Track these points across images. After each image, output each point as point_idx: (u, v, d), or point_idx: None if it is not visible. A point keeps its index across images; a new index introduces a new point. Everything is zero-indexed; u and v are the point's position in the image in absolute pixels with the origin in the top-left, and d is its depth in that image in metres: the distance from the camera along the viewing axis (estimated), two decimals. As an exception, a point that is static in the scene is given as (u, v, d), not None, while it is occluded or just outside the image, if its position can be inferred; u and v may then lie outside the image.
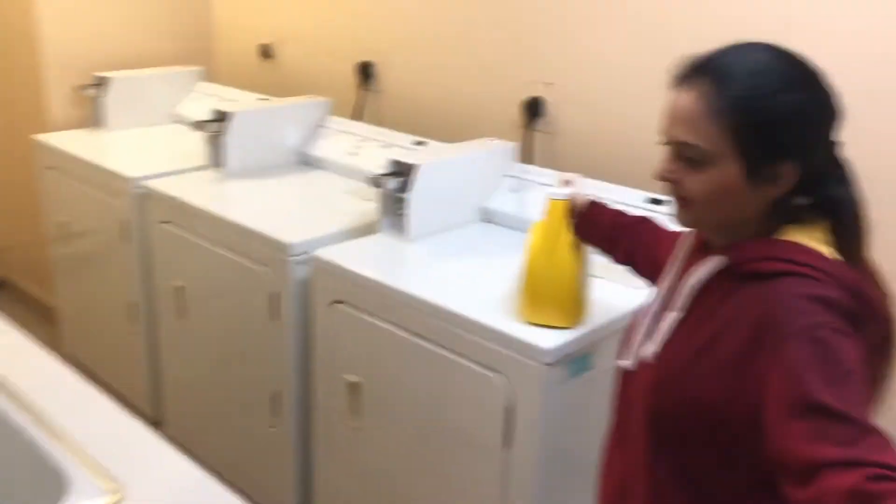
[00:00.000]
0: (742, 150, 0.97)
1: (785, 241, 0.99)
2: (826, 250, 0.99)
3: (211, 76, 3.26)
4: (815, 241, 0.99)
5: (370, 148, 2.45)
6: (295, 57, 3.03)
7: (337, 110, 2.68)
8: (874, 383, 1.02)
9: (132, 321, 2.60)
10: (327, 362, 1.95)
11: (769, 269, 0.96)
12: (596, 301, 1.65)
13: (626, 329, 1.19)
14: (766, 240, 1.00)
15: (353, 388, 1.87)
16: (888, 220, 1.69)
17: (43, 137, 2.83)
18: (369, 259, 1.91)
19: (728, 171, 0.98)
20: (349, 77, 2.75)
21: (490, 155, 2.16)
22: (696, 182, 1.00)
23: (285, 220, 2.13)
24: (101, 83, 2.93)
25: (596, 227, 1.46)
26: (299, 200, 2.34)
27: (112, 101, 2.92)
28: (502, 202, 2.12)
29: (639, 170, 2.09)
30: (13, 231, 3.51)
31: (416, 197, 1.97)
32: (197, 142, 2.57)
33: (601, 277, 1.71)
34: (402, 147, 2.36)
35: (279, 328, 2.05)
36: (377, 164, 2.25)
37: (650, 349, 1.08)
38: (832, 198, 1.01)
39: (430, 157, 2.06)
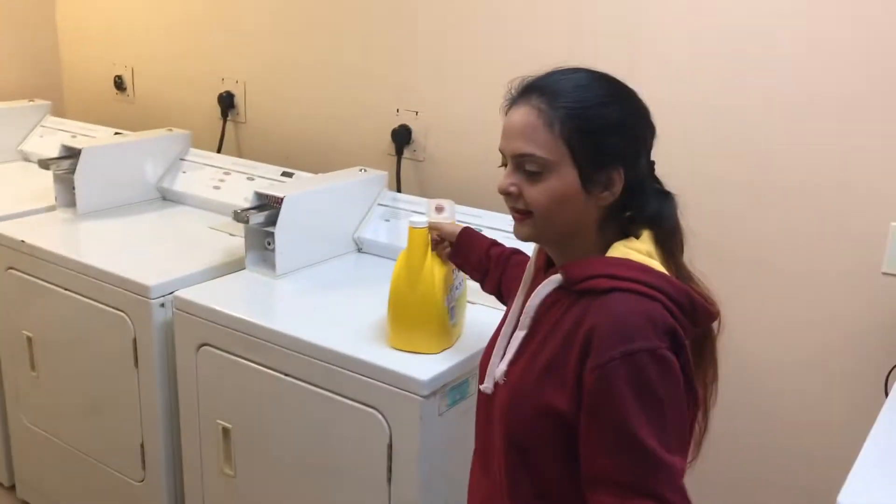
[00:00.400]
0: (576, 156, 1.03)
1: (613, 258, 1.05)
2: (652, 262, 1.05)
3: (60, 111, 3.08)
4: (641, 254, 1.05)
5: (235, 181, 2.37)
6: (152, 89, 2.90)
7: (199, 143, 2.57)
8: (702, 386, 1.10)
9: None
10: (196, 409, 1.84)
11: (599, 287, 1.01)
12: (471, 325, 1.65)
13: (483, 354, 1.21)
14: (597, 258, 1.06)
15: (225, 433, 1.78)
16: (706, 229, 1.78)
17: None
18: (235, 298, 1.83)
19: (565, 178, 1.04)
20: (211, 108, 2.66)
21: (361, 184, 2.13)
22: (536, 192, 1.05)
23: (144, 260, 2.01)
24: (-68, 120, 2.70)
25: (467, 255, 1.49)
26: (159, 239, 2.22)
27: (-54, 138, 2.70)
28: (375, 231, 2.09)
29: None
30: None
31: (284, 230, 1.90)
32: (44, 181, 2.40)
33: (476, 303, 1.71)
34: (268, 179, 2.29)
35: (142, 376, 1.93)
36: (243, 197, 2.18)
37: (501, 369, 1.10)
38: (654, 210, 1.08)
39: (297, 189, 2.00)
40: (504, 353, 1.12)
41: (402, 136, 2.27)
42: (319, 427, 1.63)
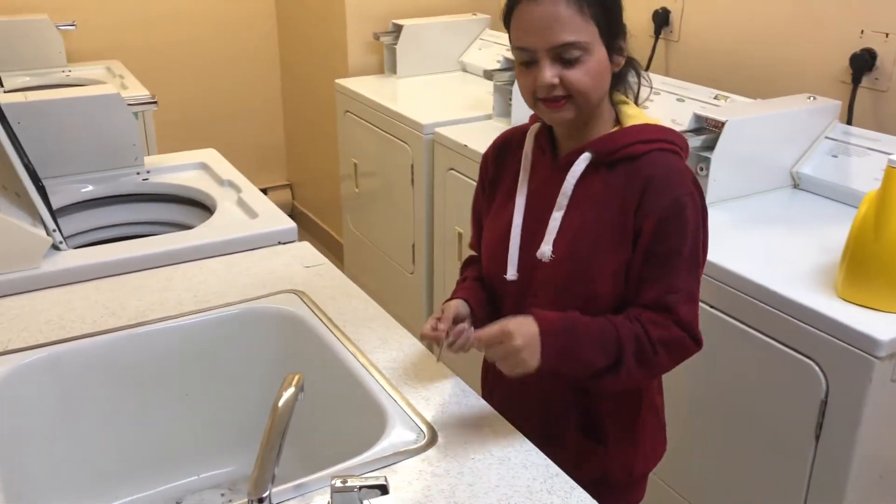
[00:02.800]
0: (602, 32, 1.10)
1: (637, 126, 1.16)
2: (655, 119, 1.18)
3: (497, 24, 3.27)
4: (644, 116, 1.18)
5: (664, 101, 2.30)
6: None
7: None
8: None
9: (412, 263, 2.71)
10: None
11: (637, 152, 1.13)
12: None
13: (492, 247, 1.24)
14: (621, 130, 1.16)
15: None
16: None
17: (344, 82, 3.01)
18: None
19: (598, 55, 1.11)
20: (643, 25, 2.61)
21: (808, 113, 1.93)
22: (578, 75, 1.10)
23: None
24: (395, 31, 3.05)
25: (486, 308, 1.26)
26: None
27: (403, 48, 3.03)
28: (818, 167, 1.90)
29: None
30: (311, 168, 3.83)
31: (721, 156, 1.81)
32: (482, 91, 2.58)
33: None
34: (700, 101, 2.19)
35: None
36: (671, 119, 2.12)
37: (547, 249, 1.16)
38: (637, 72, 1.21)
39: (738, 113, 1.88)
40: (521, 238, 1.18)
41: (862, 62, 1.99)
42: (741, 363, 1.56)
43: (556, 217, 1.16)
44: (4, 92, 2.52)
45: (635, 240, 1.12)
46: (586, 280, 1.15)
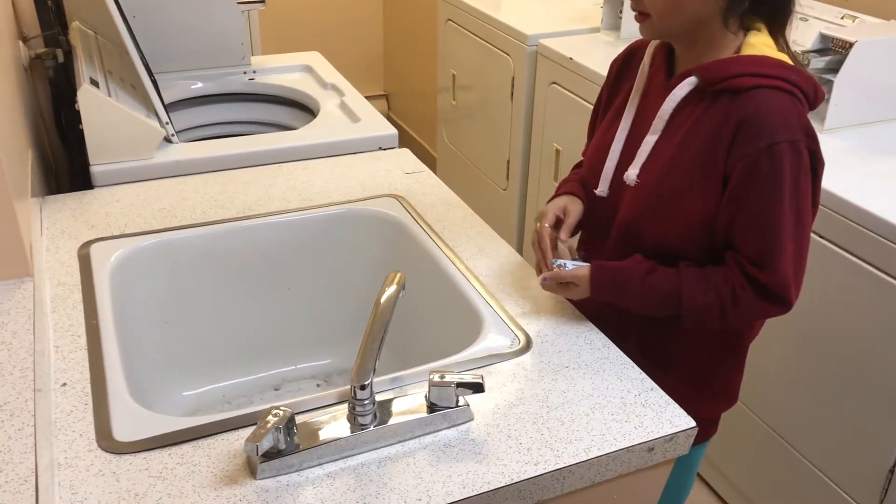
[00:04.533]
0: None
1: (753, 56, 1.05)
2: (782, 55, 1.06)
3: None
4: (772, 49, 1.06)
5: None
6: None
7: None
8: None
9: (506, 179, 2.69)
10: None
11: (744, 85, 1.03)
12: None
13: (591, 159, 1.22)
14: (733, 58, 1.06)
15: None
16: None
17: (446, -12, 2.95)
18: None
19: None
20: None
21: (948, 37, 1.79)
22: None
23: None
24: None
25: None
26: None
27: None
28: (953, 97, 1.76)
29: None
30: (408, 79, 3.80)
31: (846, 79, 1.70)
32: (591, 2, 2.49)
33: None
34: (825, 21, 2.05)
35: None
36: (795, 38, 2.00)
37: (633, 173, 1.13)
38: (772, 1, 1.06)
39: (869, 34, 1.75)
40: (630, 158, 1.13)
41: None
42: (856, 300, 1.50)
43: (649, 141, 1.12)
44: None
45: (725, 184, 1.05)
46: (666, 215, 1.10)
